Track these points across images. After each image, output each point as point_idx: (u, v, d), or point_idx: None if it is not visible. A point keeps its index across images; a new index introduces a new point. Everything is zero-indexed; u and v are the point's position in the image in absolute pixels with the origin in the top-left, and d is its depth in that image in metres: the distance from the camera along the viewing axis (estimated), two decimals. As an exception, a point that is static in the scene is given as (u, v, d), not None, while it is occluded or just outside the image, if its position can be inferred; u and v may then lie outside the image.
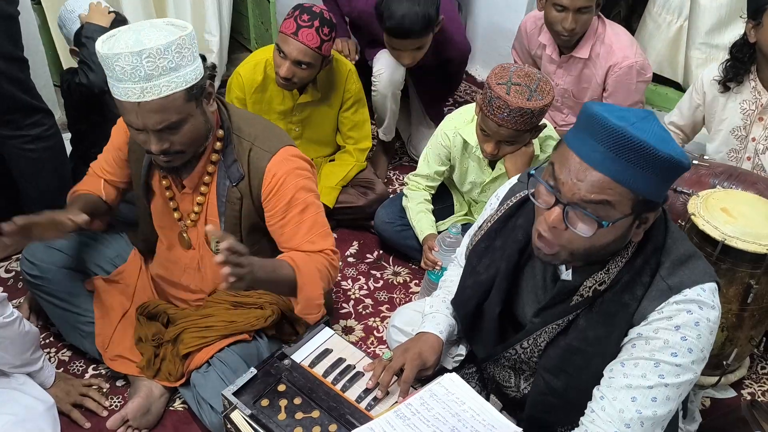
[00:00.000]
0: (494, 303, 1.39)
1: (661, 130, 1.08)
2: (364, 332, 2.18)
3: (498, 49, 3.57)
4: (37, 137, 2.02)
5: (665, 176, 1.09)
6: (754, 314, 1.79)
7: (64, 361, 1.98)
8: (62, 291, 1.84)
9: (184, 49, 1.42)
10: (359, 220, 2.59)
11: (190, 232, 1.75)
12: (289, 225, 1.65)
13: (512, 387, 1.47)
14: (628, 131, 1.04)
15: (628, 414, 1.18)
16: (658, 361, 1.17)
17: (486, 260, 1.41)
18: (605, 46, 2.47)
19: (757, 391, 2.02)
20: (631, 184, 1.07)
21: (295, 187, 1.63)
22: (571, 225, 1.12)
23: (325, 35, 2.24)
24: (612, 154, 1.06)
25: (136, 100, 1.41)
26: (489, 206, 1.49)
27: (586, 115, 1.10)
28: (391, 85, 2.66)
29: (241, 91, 2.41)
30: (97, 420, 1.81)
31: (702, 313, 1.17)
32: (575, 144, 1.10)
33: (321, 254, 1.64)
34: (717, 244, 1.69)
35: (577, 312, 1.26)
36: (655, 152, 1.04)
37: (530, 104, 1.78)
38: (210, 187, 1.66)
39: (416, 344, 1.44)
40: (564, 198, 1.11)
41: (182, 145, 1.52)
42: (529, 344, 1.35)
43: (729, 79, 2.11)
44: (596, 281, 1.23)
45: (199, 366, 1.70)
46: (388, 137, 2.90)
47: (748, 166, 2.14)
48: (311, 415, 1.37)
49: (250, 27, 3.58)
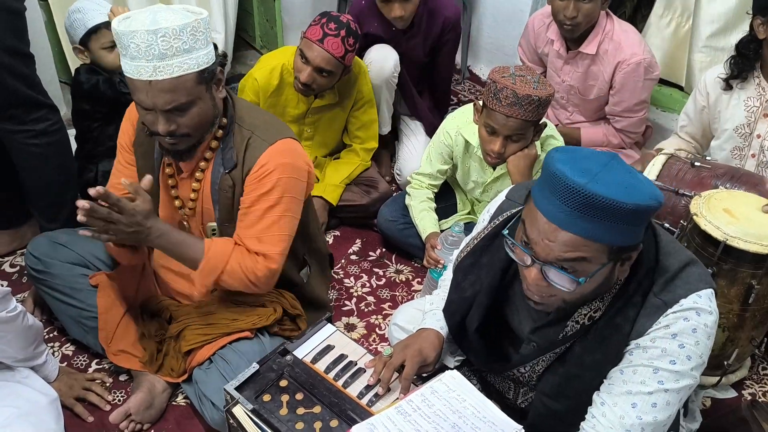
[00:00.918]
0: (474, 319, 1.39)
1: (625, 174, 1.07)
2: (366, 329, 2.19)
3: (503, 48, 3.57)
4: (42, 132, 2.03)
5: (637, 222, 1.08)
6: (755, 315, 1.79)
7: (68, 356, 2.00)
8: (66, 286, 1.85)
9: (198, 33, 1.45)
10: (362, 219, 2.60)
11: (190, 220, 1.75)
12: (251, 215, 1.63)
13: (511, 399, 1.48)
14: (589, 190, 1.02)
15: (628, 420, 1.19)
16: (657, 368, 1.17)
17: (471, 277, 1.41)
18: (614, 42, 2.47)
19: (758, 391, 2.02)
20: (603, 239, 1.06)
21: (277, 182, 1.61)
22: (552, 281, 1.13)
23: (350, 45, 2.26)
24: (578, 213, 1.04)
25: (148, 78, 1.43)
26: (480, 221, 1.50)
27: (548, 170, 1.08)
28: (383, 72, 2.66)
29: (255, 95, 2.41)
30: (100, 414, 1.82)
31: (699, 320, 1.17)
32: (541, 203, 1.09)
33: (251, 255, 1.63)
34: (719, 245, 1.69)
35: (573, 341, 1.27)
36: (621, 206, 1.02)
37: (536, 92, 1.81)
38: (206, 173, 1.66)
39: (417, 341, 1.45)
40: (539, 257, 1.12)
41: (189, 128, 1.52)
42: (527, 369, 1.37)
43: (734, 75, 2.10)
44: (591, 309, 1.23)
45: (201, 362, 1.71)
46: (385, 129, 2.88)
47: (752, 163, 2.14)
48: (313, 410, 1.38)
49: (255, 25, 3.58)
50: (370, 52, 2.70)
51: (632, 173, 1.09)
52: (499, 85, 1.82)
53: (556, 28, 2.56)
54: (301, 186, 1.69)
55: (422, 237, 2.26)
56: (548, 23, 2.61)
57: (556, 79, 2.67)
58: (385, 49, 2.68)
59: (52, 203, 2.14)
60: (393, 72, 2.69)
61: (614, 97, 2.55)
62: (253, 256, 1.63)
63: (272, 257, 1.64)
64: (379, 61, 2.66)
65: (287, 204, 1.64)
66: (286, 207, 1.65)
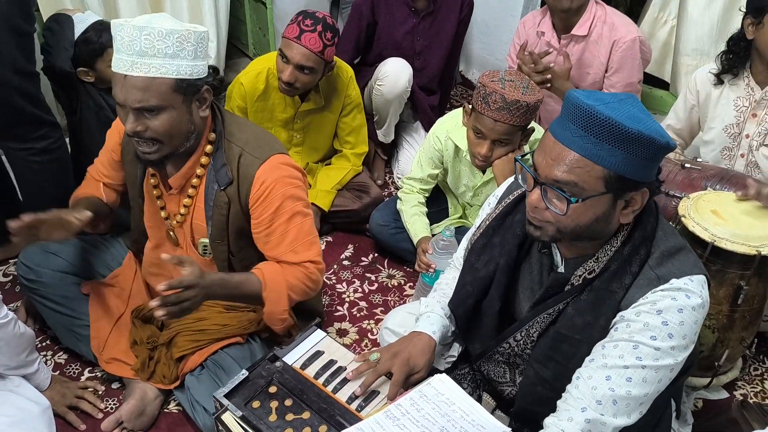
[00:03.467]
0: (494, 299, 1.41)
1: (637, 111, 1.12)
2: (359, 335, 2.19)
3: (495, 54, 3.58)
4: (43, 150, 2.05)
5: (639, 153, 1.12)
6: (744, 315, 1.80)
7: (61, 364, 2.00)
8: (58, 295, 1.86)
9: (186, 43, 1.47)
10: (354, 224, 2.61)
11: (177, 231, 1.76)
12: (275, 234, 1.66)
13: (507, 381, 1.47)
14: (596, 109, 1.09)
15: (600, 391, 1.18)
16: (637, 343, 1.18)
17: (485, 257, 1.43)
18: (607, 25, 2.52)
19: (749, 392, 2.03)
20: (600, 160, 1.12)
21: (283, 195, 1.64)
22: (549, 203, 1.19)
23: (327, 40, 2.26)
24: (582, 131, 1.11)
25: (124, 72, 1.45)
26: (487, 205, 1.52)
27: (566, 99, 1.15)
28: (397, 87, 2.71)
29: (242, 100, 2.42)
30: (92, 422, 1.82)
31: (687, 301, 1.18)
32: (553, 126, 1.17)
33: (299, 267, 1.66)
34: (707, 246, 1.70)
35: (567, 301, 1.28)
36: (621, 128, 1.08)
37: (525, 97, 1.82)
38: (198, 190, 1.67)
39: (406, 347, 1.44)
40: (540, 178, 1.18)
41: (157, 134, 1.52)
42: (522, 336, 1.37)
43: (725, 71, 2.12)
44: (586, 270, 1.26)
45: (192, 369, 1.71)
46: (387, 139, 2.92)
47: (741, 163, 2.15)
48: (302, 416, 1.38)
49: (248, 33, 3.60)
50: (385, 65, 2.73)
51: (645, 113, 1.14)
52: (489, 90, 1.83)
53: (547, 21, 2.61)
54: (303, 189, 1.72)
55: (414, 241, 2.27)
56: (538, 21, 2.65)
57: None
58: (399, 63, 2.73)
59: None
60: (406, 86, 2.74)
61: (612, 77, 2.56)
62: (300, 266, 1.66)
63: (315, 260, 1.69)
64: (394, 76, 2.70)
65: (300, 210, 1.68)
66: (301, 213, 1.68)
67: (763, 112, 2.06)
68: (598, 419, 1.17)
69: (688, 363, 1.34)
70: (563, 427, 1.19)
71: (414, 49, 2.84)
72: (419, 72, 2.88)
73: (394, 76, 2.69)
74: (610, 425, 1.18)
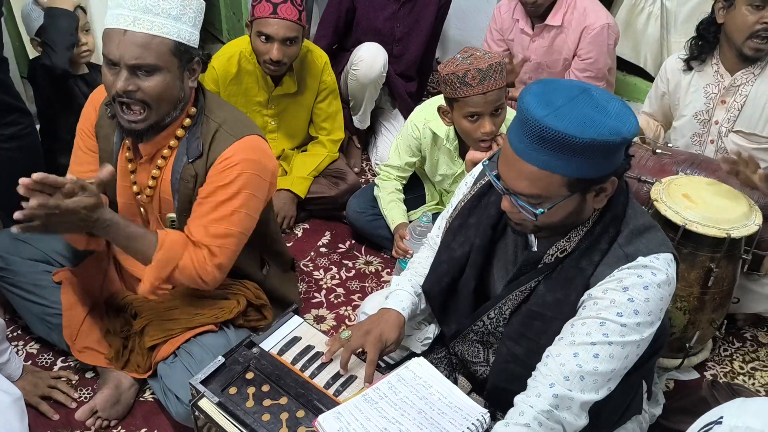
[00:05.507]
0: (469, 278, 1.43)
1: (591, 109, 1.11)
2: (336, 321, 2.19)
3: (471, 41, 3.56)
4: (12, 136, 2.01)
5: (595, 156, 1.12)
6: (715, 297, 1.84)
7: (32, 354, 1.97)
8: (29, 283, 1.82)
9: (189, 9, 1.48)
10: (331, 211, 2.60)
11: (146, 206, 1.72)
12: (205, 205, 1.59)
13: (481, 362, 1.49)
14: (545, 123, 1.09)
15: (568, 367, 1.20)
16: (604, 320, 1.20)
17: (461, 237, 1.45)
18: (577, 10, 2.55)
19: (719, 372, 2.07)
20: (559, 169, 1.12)
21: (238, 176, 1.58)
22: (520, 209, 1.21)
23: (299, 5, 2.28)
24: (535, 145, 1.11)
25: (125, 28, 1.43)
26: (464, 184, 1.54)
27: (519, 102, 1.14)
28: (372, 72, 2.69)
29: (215, 84, 2.40)
30: (66, 412, 1.80)
31: (653, 278, 1.20)
32: (510, 133, 1.17)
33: (203, 252, 1.58)
34: (678, 229, 1.73)
35: (539, 279, 1.31)
36: (574, 140, 1.08)
37: (492, 60, 1.83)
38: (167, 161, 1.63)
39: (378, 325, 1.45)
40: (506, 188, 1.20)
41: (148, 96, 1.48)
42: (495, 314, 1.39)
43: (694, 57, 2.14)
44: (558, 249, 1.28)
45: (165, 357, 1.69)
46: (363, 125, 2.90)
47: (711, 149, 2.18)
48: (279, 401, 1.38)
49: (222, 17, 3.55)
50: (360, 49, 2.71)
51: (599, 107, 1.12)
52: (460, 73, 1.82)
53: (521, 8, 2.64)
54: (263, 185, 1.65)
55: (391, 228, 2.27)
56: (514, 6, 2.67)
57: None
58: (375, 47, 2.71)
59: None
60: (382, 72, 2.72)
61: (580, 63, 2.59)
62: (201, 250, 1.58)
63: (216, 253, 1.59)
64: (369, 60, 2.68)
65: (245, 200, 1.60)
66: (243, 203, 1.60)
67: (732, 98, 2.09)
68: (565, 395, 1.19)
69: (659, 344, 1.37)
70: (531, 403, 1.21)
71: (394, 36, 2.83)
72: (398, 59, 2.87)
73: (370, 61, 2.68)
74: (578, 400, 1.20)
